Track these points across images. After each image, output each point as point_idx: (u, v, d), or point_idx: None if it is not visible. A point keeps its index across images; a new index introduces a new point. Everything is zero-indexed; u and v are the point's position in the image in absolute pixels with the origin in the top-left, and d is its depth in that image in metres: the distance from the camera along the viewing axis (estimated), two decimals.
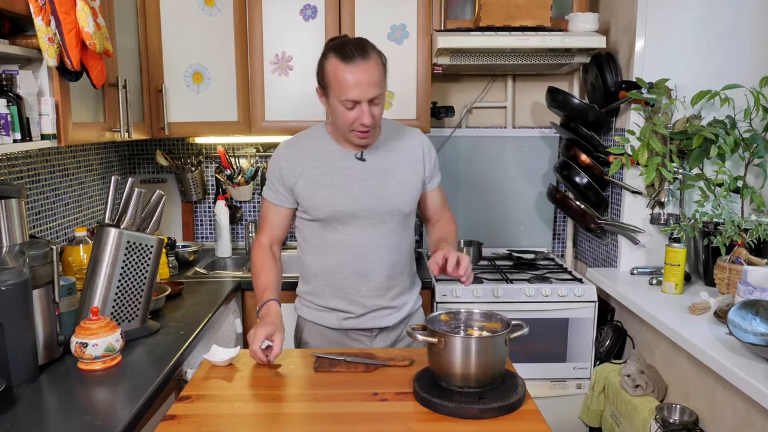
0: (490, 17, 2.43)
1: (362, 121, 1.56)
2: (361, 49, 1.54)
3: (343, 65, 1.52)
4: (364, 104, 1.54)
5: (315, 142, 1.71)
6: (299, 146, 1.72)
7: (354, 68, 1.52)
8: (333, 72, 1.54)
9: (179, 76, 2.44)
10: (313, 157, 1.68)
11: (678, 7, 2.24)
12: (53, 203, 2.22)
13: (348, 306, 1.73)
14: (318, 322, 1.77)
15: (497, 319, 1.44)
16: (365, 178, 1.67)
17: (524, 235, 2.93)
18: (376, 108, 1.57)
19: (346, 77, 1.52)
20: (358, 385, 1.43)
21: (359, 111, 1.55)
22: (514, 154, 2.87)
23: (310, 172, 1.67)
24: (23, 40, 1.57)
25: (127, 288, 1.66)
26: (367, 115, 1.55)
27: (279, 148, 1.73)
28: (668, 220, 2.29)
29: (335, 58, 1.54)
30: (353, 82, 1.52)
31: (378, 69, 1.55)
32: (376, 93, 1.54)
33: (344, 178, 1.66)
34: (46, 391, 1.36)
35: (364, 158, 1.68)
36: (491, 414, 1.27)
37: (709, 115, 2.24)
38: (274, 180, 1.70)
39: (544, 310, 2.33)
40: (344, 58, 1.52)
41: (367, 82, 1.52)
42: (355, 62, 1.52)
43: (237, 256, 2.80)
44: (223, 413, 1.30)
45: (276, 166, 1.70)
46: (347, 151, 1.68)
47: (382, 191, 1.67)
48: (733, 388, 1.56)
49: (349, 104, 1.54)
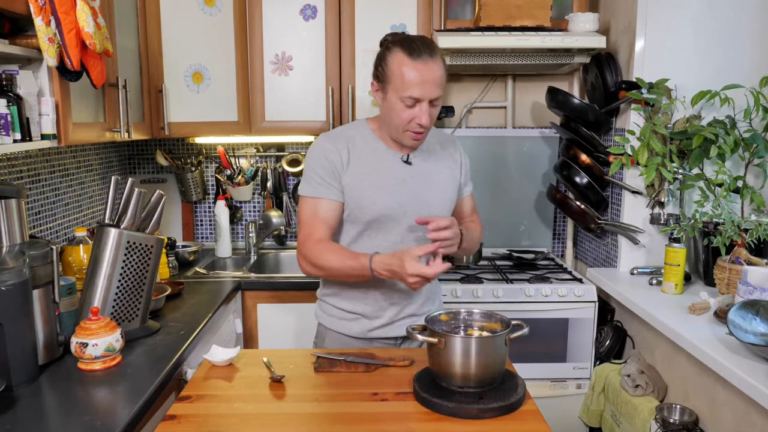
0: (490, 17, 2.43)
1: (420, 121, 1.51)
2: (428, 47, 1.49)
3: (409, 60, 1.47)
4: (425, 103, 1.50)
5: (360, 138, 1.63)
6: (345, 139, 1.61)
7: (421, 65, 1.47)
8: (398, 66, 1.49)
9: (179, 76, 2.44)
10: (360, 154, 1.60)
11: (678, 7, 2.24)
12: (53, 203, 2.22)
13: (377, 312, 1.66)
14: (341, 331, 1.69)
15: (497, 319, 1.44)
16: (410, 182, 1.62)
17: (524, 235, 2.93)
18: (435, 110, 1.53)
19: (411, 73, 1.47)
20: (358, 385, 1.43)
21: (419, 110, 1.50)
22: (514, 154, 2.87)
23: (357, 170, 1.59)
24: (23, 40, 1.57)
25: (127, 288, 1.66)
26: (426, 115, 1.51)
27: (321, 142, 1.61)
28: (668, 220, 2.29)
29: (401, 52, 1.49)
30: (419, 80, 1.47)
31: (442, 70, 1.51)
32: (438, 93, 1.50)
33: (390, 179, 1.60)
34: (46, 391, 1.36)
35: (410, 162, 1.63)
36: (491, 414, 1.27)
37: (709, 115, 2.24)
38: (323, 173, 1.57)
39: (544, 310, 2.33)
40: (411, 53, 1.47)
41: (432, 81, 1.48)
42: (423, 59, 1.47)
43: (237, 256, 2.80)
44: (223, 413, 1.30)
45: (323, 158, 1.58)
46: (394, 152, 1.62)
47: (424, 195, 1.63)
48: (733, 388, 1.56)
49: (410, 102, 1.49)
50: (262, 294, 2.37)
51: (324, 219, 1.58)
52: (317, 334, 1.79)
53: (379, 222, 1.60)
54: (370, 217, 1.60)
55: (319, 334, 1.77)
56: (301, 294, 2.35)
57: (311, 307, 2.39)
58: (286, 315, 2.37)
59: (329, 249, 1.55)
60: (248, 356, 1.61)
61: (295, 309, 2.37)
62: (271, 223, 2.87)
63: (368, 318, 1.67)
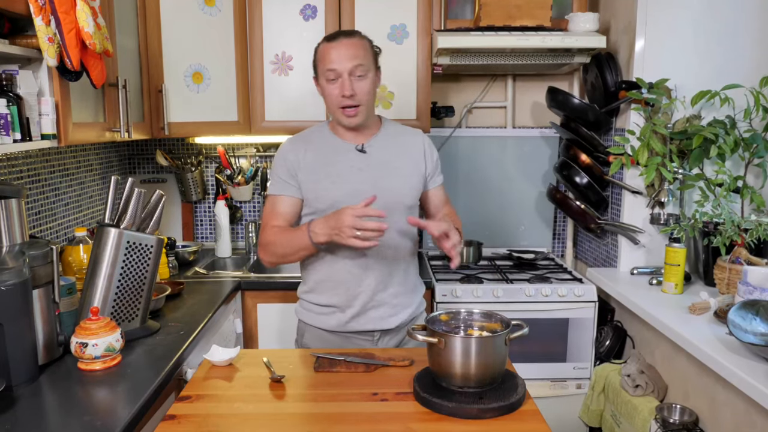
0: (490, 17, 2.43)
1: (344, 92, 1.62)
2: (347, 32, 1.67)
3: (326, 43, 1.66)
4: (344, 75, 1.61)
5: (317, 136, 1.76)
6: (302, 140, 1.76)
7: (336, 44, 1.63)
8: (320, 52, 1.67)
9: (179, 76, 2.44)
10: (315, 150, 1.73)
11: (678, 7, 2.24)
12: (53, 203, 2.22)
13: (349, 301, 1.71)
14: (319, 325, 1.76)
15: (497, 319, 1.44)
16: (366, 169, 1.70)
17: (524, 235, 2.93)
18: (360, 82, 1.63)
19: (329, 52, 1.63)
20: (358, 385, 1.43)
21: (341, 83, 1.62)
22: (514, 154, 2.87)
23: (313, 165, 1.70)
24: (23, 40, 1.57)
25: (127, 288, 1.66)
26: (347, 84, 1.61)
27: (283, 144, 1.77)
28: (668, 220, 2.29)
29: (322, 41, 1.68)
30: (334, 55, 1.62)
31: (362, 46, 1.65)
32: (355, 63, 1.61)
33: (345, 168, 1.70)
34: (46, 391, 1.36)
35: (365, 150, 1.72)
36: (491, 414, 1.27)
37: (709, 115, 2.24)
38: (281, 172, 1.72)
39: (544, 310, 2.33)
40: (328, 38, 1.66)
41: (347, 55, 1.61)
42: (338, 39, 1.64)
43: (237, 256, 2.80)
44: (223, 413, 1.30)
45: (281, 159, 1.73)
46: (348, 144, 1.73)
47: (383, 182, 1.69)
48: (733, 388, 1.56)
49: (331, 75, 1.63)
50: (262, 294, 2.37)
51: (280, 212, 1.71)
52: (297, 330, 1.84)
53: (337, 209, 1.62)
54: (326, 205, 1.67)
55: (299, 330, 1.83)
56: None
57: None
58: (286, 315, 2.37)
59: (278, 231, 1.68)
60: (248, 356, 1.61)
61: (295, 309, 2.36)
62: None
63: (341, 309, 1.72)
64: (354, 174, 1.69)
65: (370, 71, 1.66)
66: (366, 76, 1.64)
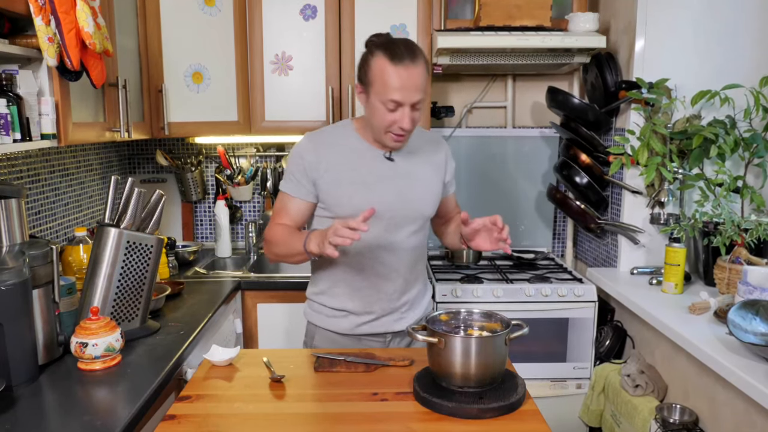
0: (490, 17, 2.43)
1: (402, 125, 1.53)
2: (410, 51, 1.50)
3: (391, 65, 1.48)
4: (406, 107, 1.51)
5: (342, 138, 1.67)
6: (325, 140, 1.66)
7: (402, 70, 1.48)
8: (379, 70, 1.50)
9: (179, 76, 2.44)
10: (339, 153, 1.64)
11: (678, 7, 2.24)
12: (53, 203, 2.22)
13: (364, 308, 1.68)
14: (330, 328, 1.72)
15: (497, 319, 1.44)
16: (392, 179, 1.64)
17: (524, 235, 2.93)
18: (417, 113, 1.54)
19: (392, 78, 1.48)
20: (358, 385, 1.43)
21: (400, 114, 1.52)
22: (514, 154, 2.87)
23: (336, 168, 1.62)
24: (23, 40, 1.57)
25: (127, 288, 1.66)
26: (408, 118, 1.52)
27: (302, 140, 1.67)
28: (668, 220, 2.29)
29: (383, 56, 1.50)
30: (399, 84, 1.48)
31: (424, 73, 1.53)
32: (419, 98, 1.52)
33: (372, 177, 1.63)
34: (46, 391, 1.36)
35: (393, 158, 1.65)
36: (491, 414, 1.27)
37: (709, 115, 2.24)
38: (296, 172, 1.64)
39: (544, 310, 2.33)
40: (393, 57, 1.48)
41: (413, 86, 1.49)
42: (404, 64, 1.48)
43: (237, 256, 2.80)
44: (223, 413, 1.30)
45: (299, 158, 1.64)
46: (375, 150, 1.65)
47: (408, 193, 1.65)
48: (733, 388, 1.56)
49: (392, 105, 1.51)
50: (262, 294, 2.37)
51: (288, 212, 1.66)
52: (306, 332, 1.81)
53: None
54: (348, 213, 1.60)
55: (309, 332, 1.80)
56: (301, 294, 2.32)
57: None
58: (286, 315, 2.37)
59: (282, 230, 1.63)
60: (248, 356, 1.61)
61: (295, 309, 2.37)
62: None
63: (356, 314, 1.70)
64: (379, 183, 1.62)
65: (426, 97, 1.57)
66: (422, 105, 1.56)
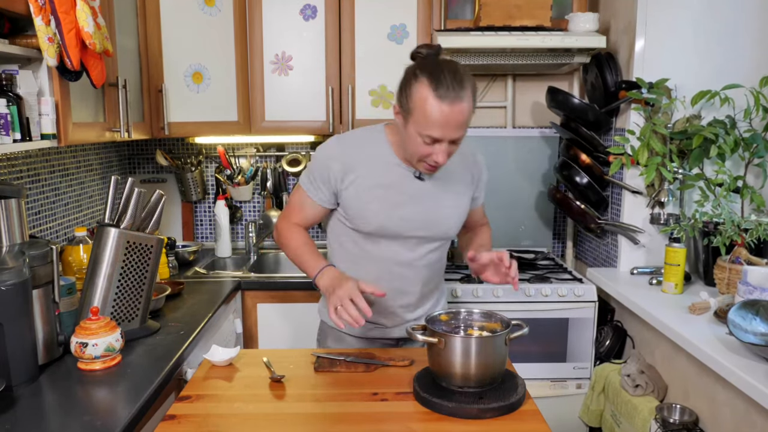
0: (490, 17, 2.43)
1: (437, 159, 1.44)
2: (458, 85, 1.36)
3: (435, 99, 1.36)
4: (444, 143, 1.42)
5: (372, 147, 1.57)
6: (354, 148, 1.57)
7: (446, 106, 1.36)
8: (421, 101, 1.37)
9: (179, 76, 2.44)
10: (368, 166, 1.55)
11: (678, 7, 2.24)
12: (53, 203, 2.22)
13: (378, 318, 1.67)
14: (343, 330, 1.70)
15: (497, 319, 1.44)
16: (420, 199, 1.57)
17: (524, 235, 2.93)
18: (455, 146, 1.45)
19: (434, 113, 1.37)
20: (358, 385, 1.43)
21: (437, 149, 1.42)
22: (514, 154, 2.87)
23: (362, 182, 1.55)
24: (23, 40, 1.57)
25: (127, 288, 1.66)
26: (443, 154, 1.43)
27: (332, 144, 1.59)
28: (668, 220, 2.29)
29: (428, 86, 1.37)
30: (441, 122, 1.37)
31: (469, 109, 1.40)
32: (460, 135, 1.43)
33: (398, 196, 1.56)
34: (46, 391, 1.36)
35: (423, 178, 1.57)
36: (491, 414, 1.27)
37: (709, 115, 2.23)
38: (318, 177, 1.57)
39: (544, 310, 2.33)
40: (437, 89, 1.36)
41: (455, 124, 1.39)
42: (449, 100, 1.35)
43: (237, 256, 2.80)
44: (223, 413, 1.30)
45: (324, 164, 1.56)
46: (405, 167, 1.56)
47: (434, 214, 1.59)
48: (733, 388, 1.56)
49: (429, 140, 1.41)
50: (262, 294, 2.37)
51: (305, 214, 1.65)
52: (319, 330, 1.80)
53: (381, 234, 1.59)
54: (372, 229, 1.58)
55: (321, 331, 1.79)
56: (301, 294, 2.35)
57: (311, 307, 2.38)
58: (285, 315, 2.37)
59: (299, 236, 1.64)
60: (248, 356, 1.61)
61: (295, 309, 2.37)
62: (271, 223, 2.86)
63: (371, 323, 1.68)
64: (406, 202, 1.56)
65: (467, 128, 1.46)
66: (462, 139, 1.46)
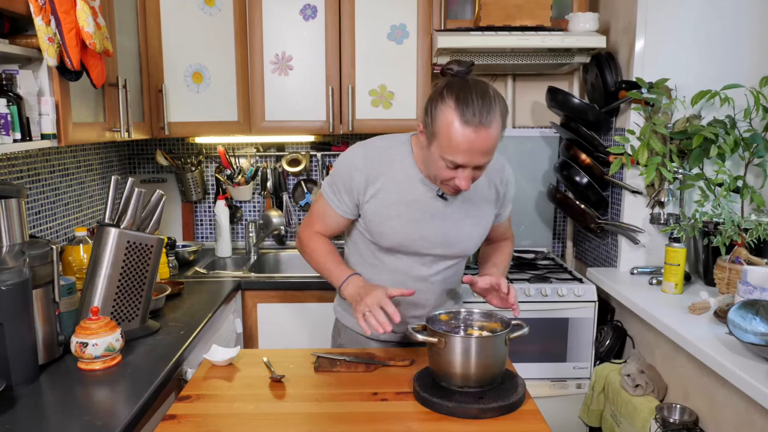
0: (490, 17, 2.43)
1: (459, 184, 1.38)
2: (486, 111, 1.31)
3: (460, 124, 1.31)
4: (468, 170, 1.37)
5: (396, 160, 1.52)
6: (379, 159, 1.52)
7: (472, 133, 1.30)
8: (446, 125, 1.32)
9: (179, 76, 2.44)
10: (390, 179, 1.51)
11: (678, 7, 2.24)
12: (53, 203, 2.22)
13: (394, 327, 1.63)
14: (355, 329, 1.71)
15: (497, 318, 1.44)
16: (441, 219, 1.54)
17: (524, 235, 2.93)
18: (479, 172, 1.40)
19: (458, 139, 1.31)
20: (358, 385, 1.43)
21: (460, 174, 1.37)
22: (514, 154, 2.87)
23: (384, 196, 1.52)
24: (23, 40, 1.57)
25: (127, 288, 1.66)
26: (467, 180, 1.38)
27: (356, 154, 1.54)
28: (668, 220, 2.29)
29: (454, 110, 1.31)
30: (465, 148, 1.32)
31: (497, 135, 1.34)
32: (485, 161, 1.37)
33: (420, 213, 1.53)
34: (46, 391, 1.36)
35: (446, 197, 1.53)
36: (491, 414, 1.27)
37: (709, 115, 2.24)
38: (342, 188, 1.54)
39: (544, 310, 2.33)
40: (464, 114, 1.30)
41: (480, 151, 1.33)
42: (475, 126, 1.30)
43: (237, 255, 2.80)
44: (223, 413, 1.30)
45: (347, 174, 1.52)
46: (429, 185, 1.52)
47: (454, 234, 1.56)
48: (733, 388, 1.56)
49: (452, 165, 1.36)
50: (262, 294, 2.37)
51: (327, 224, 1.63)
52: (334, 327, 1.80)
53: (399, 250, 1.58)
54: (389, 245, 1.56)
55: (336, 329, 1.79)
56: (302, 294, 2.35)
57: (311, 307, 2.40)
58: (286, 315, 2.37)
59: (322, 245, 1.62)
60: (248, 356, 1.61)
61: (295, 309, 2.37)
62: (271, 223, 2.87)
63: None
64: (427, 221, 1.53)
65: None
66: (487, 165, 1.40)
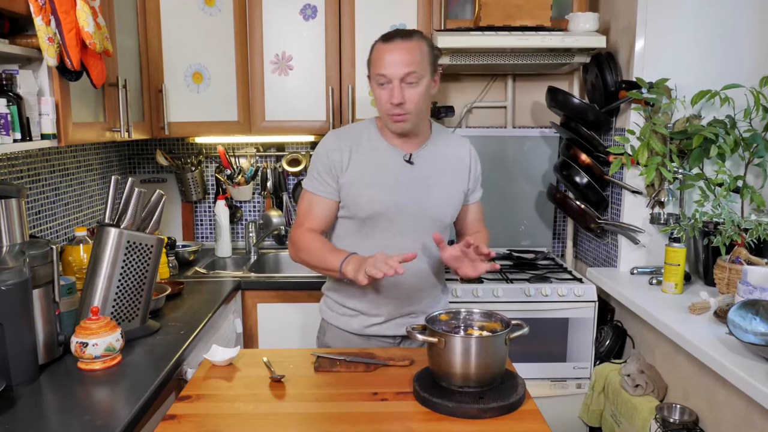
0: (490, 17, 2.43)
1: (392, 100, 1.54)
2: (405, 32, 1.57)
3: (381, 44, 1.56)
4: (395, 81, 1.53)
5: (365, 136, 1.67)
6: (349, 138, 1.66)
7: (391, 46, 1.54)
8: (374, 53, 1.58)
9: (179, 76, 2.44)
10: (362, 153, 1.64)
11: (678, 7, 2.24)
12: (53, 203, 2.22)
13: (374, 310, 1.69)
14: (341, 326, 1.73)
15: (497, 318, 1.44)
16: (410, 183, 1.64)
17: (524, 235, 2.93)
18: (411, 89, 1.55)
19: (380, 54, 1.55)
20: (358, 385, 1.43)
21: (389, 89, 1.54)
22: (514, 154, 2.87)
23: (358, 168, 1.63)
24: (23, 40, 1.57)
25: (127, 288, 1.66)
26: (397, 93, 1.53)
27: (328, 138, 1.68)
28: (668, 220, 2.29)
29: (379, 40, 1.58)
30: (387, 60, 1.53)
31: (418, 50, 1.55)
32: (407, 70, 1.53)
33: (391, 180, 1.63)
34: (46, 391, 1.36)
35: (413, 161, 1.65)
36: (491, 414, 1.27)
37: (709, 114, 2.23)
38: (322, 171, 1.64)
39: (544, 310, 2.33)
40: (385, 38, 1.56)
41: (400, 61, 1.52)
42: (394, 41, 1.54)
43: (237, 255, 2.80)
44: (223, 413, 1.30)
45: (324, 156, 1.64)
46: (397, 151, 1.65)
47: (424, 198, 1.64)
48: (733, 388, 1.56)
49: (381, 80, 1.55)
50: (262, 294, 2.37)
51: (316, 215, 1.66)
52: (320, 328, 1.82)
53: (376, 219, 1.63)
54: (366, 214, 1.63)
55: (322, 328, 1.81)
56: (302, 293, 2.35)
57: (311, 307, 2.39)
58: (286, 314, 2.37)
59: (314, 239, 1.63)
60: (248, 356, 1.61)
61: (295, 308, 2.37)
62: (271, 223, 2.87)
63: (366, 315, 1.70)
64: (398, 187, 1.63)
65: (424, 78, 1.56)
66: (418, 83, 1.55)
